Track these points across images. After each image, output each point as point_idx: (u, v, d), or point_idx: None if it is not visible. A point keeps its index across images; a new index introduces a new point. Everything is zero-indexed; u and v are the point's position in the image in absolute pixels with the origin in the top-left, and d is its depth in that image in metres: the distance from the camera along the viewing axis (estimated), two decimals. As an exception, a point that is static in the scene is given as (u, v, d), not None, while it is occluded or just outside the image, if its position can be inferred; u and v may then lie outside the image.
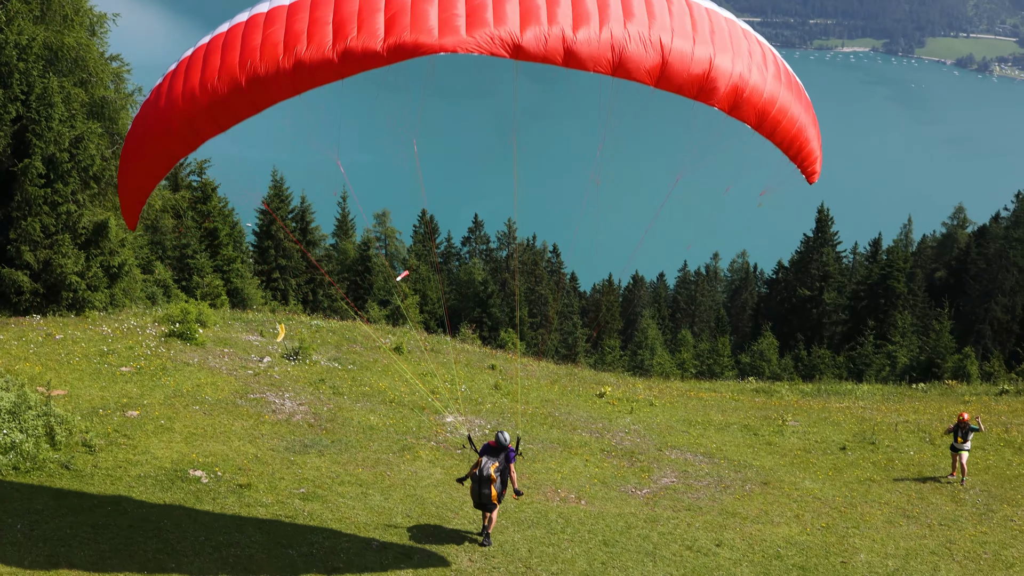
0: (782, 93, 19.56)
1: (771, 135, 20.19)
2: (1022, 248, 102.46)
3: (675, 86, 17.95)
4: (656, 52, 17.44)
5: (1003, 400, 48.49)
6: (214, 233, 71.68)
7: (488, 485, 22.97)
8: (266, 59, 17.85)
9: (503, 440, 23.15)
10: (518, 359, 57.55)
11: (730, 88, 18.36)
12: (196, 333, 40.73)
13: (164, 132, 19.18)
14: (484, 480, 22.94)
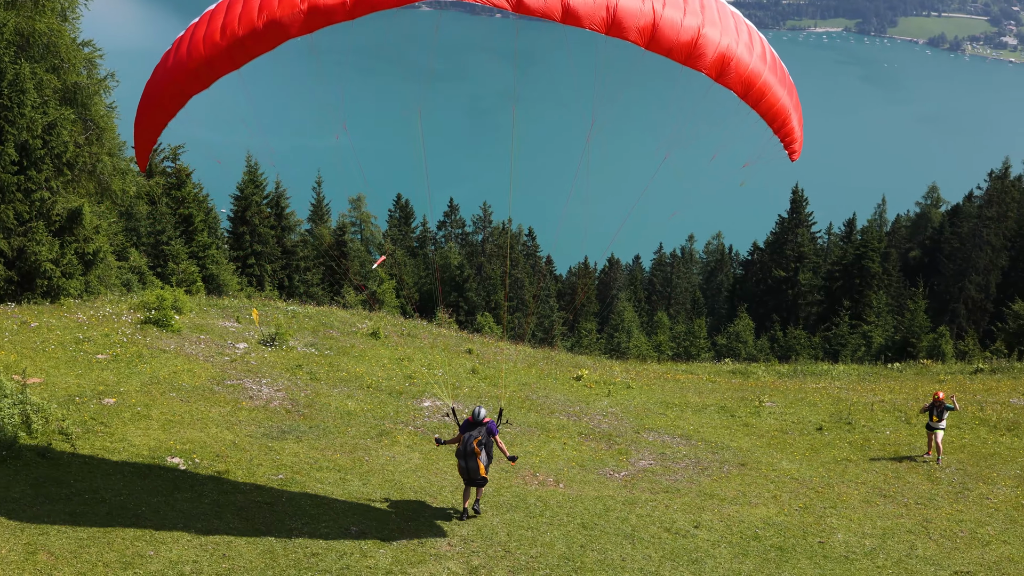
0: (766, 72, 21.26)
1: (756, 105, 21.86)
2: (995, 227, 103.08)
3: (664, 49, 19.10)
4: (648, 16, 18.51)
5: (978, 379, 48.83)
6: (189, 219, 71.40)
7: (474, 459, 23.50)
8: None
9: (479, 415, 23.54)
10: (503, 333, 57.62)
11: (717, 56, 19.61)
12: (172, 320, 40.56)
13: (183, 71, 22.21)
14: (469, 454, 23.48)
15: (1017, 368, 50.77)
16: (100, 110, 44.87)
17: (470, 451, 23.50)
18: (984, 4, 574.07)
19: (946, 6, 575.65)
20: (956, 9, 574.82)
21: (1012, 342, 71.13)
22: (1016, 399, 42.49)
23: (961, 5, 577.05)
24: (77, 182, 43.80)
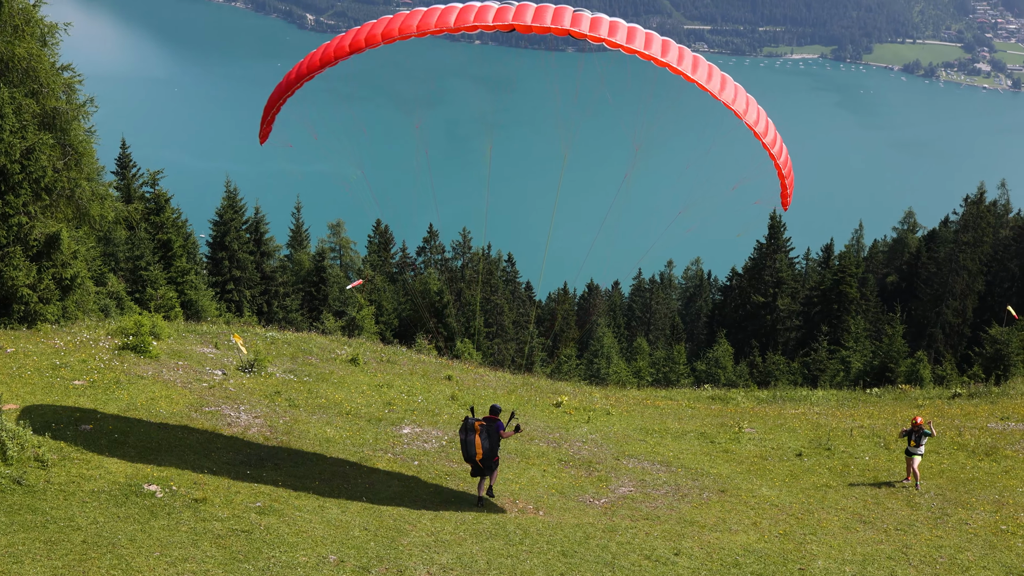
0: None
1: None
2: (971, 252, 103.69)
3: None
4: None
5: (956, 403, 49.00)
6: (167, 244, 71.17)
7: (473, 433, 26.98)
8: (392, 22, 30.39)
9: (495, 410, 27.69)
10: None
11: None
12: (150, 346, 40.32)
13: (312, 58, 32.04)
14: (469, 428, 27.05)
15: (995, 393, 50.99)
16: (79, 135, 44.72)
17: (470, 426, 27.00)
18: (958, 31, 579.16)
19: (920, 33, 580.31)
20: (930, 36, 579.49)
21: (989, 367, 71.49)
22: (994, 424, 42.66)
23: (935, 32, 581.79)
24: (55, 207, 43.60)
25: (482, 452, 27.04)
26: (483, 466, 27.77)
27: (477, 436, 26.89)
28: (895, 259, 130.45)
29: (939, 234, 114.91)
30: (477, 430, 26.87)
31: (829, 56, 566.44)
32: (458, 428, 27.32)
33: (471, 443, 27.02)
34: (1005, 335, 73.67)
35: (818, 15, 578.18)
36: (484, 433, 27.07)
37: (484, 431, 27.07)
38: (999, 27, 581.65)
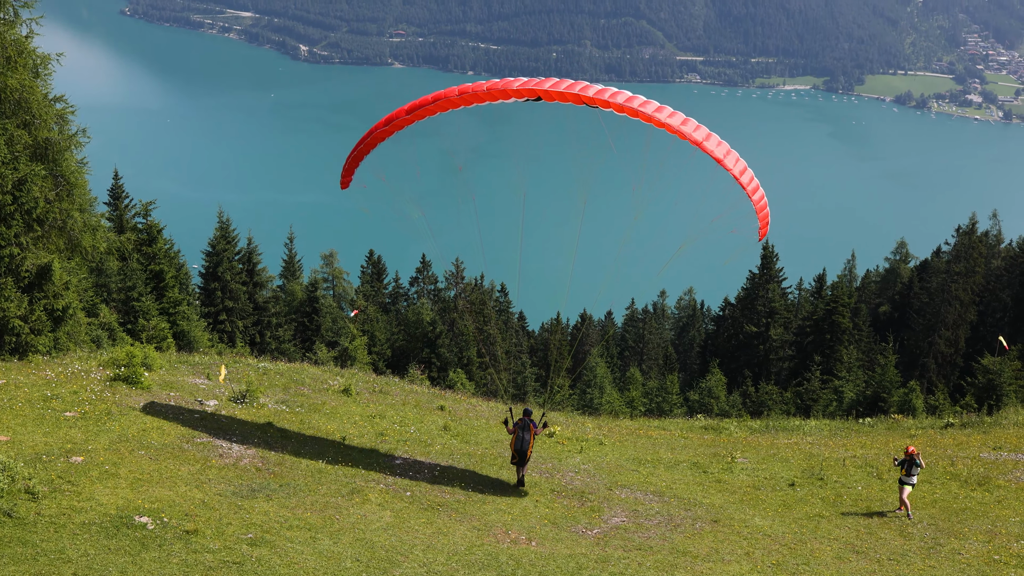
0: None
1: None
2: (963, 282, 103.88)
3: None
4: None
5: (948, 433, 48.97)
6: (160, 275, 71.06)
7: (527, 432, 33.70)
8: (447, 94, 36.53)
9: (528, 413, 34.08)
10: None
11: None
12: (142, 377, 40.26)
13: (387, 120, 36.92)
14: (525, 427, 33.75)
15: (987, 422, 50.97)
16: (71, 166, 44.76)
17: (525, 425, 33.70)
18: (949, 63, 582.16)
19: (912, 65, 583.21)
20: (922, 68, 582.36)
21: (982, 396, 71.44)
22: (986, 453, 42.64)
23: (927, 64, 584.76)
24: (47, 238, 43.59)
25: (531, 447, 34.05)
26: (526, 458, 34.10)
27: (532, 436, 33.75)
28: (887, 289, 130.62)
29: (931, 264, 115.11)
30: (533, 432, 33.73)
31: (821, 87, 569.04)
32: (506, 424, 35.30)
33: (526, 440, 33.62)
34: (997, 365, 73.68)
35: (810, 47, 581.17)
36: (519, 433, 33.73)
37: (526, 432, 33.67)
38: (990, 59, 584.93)
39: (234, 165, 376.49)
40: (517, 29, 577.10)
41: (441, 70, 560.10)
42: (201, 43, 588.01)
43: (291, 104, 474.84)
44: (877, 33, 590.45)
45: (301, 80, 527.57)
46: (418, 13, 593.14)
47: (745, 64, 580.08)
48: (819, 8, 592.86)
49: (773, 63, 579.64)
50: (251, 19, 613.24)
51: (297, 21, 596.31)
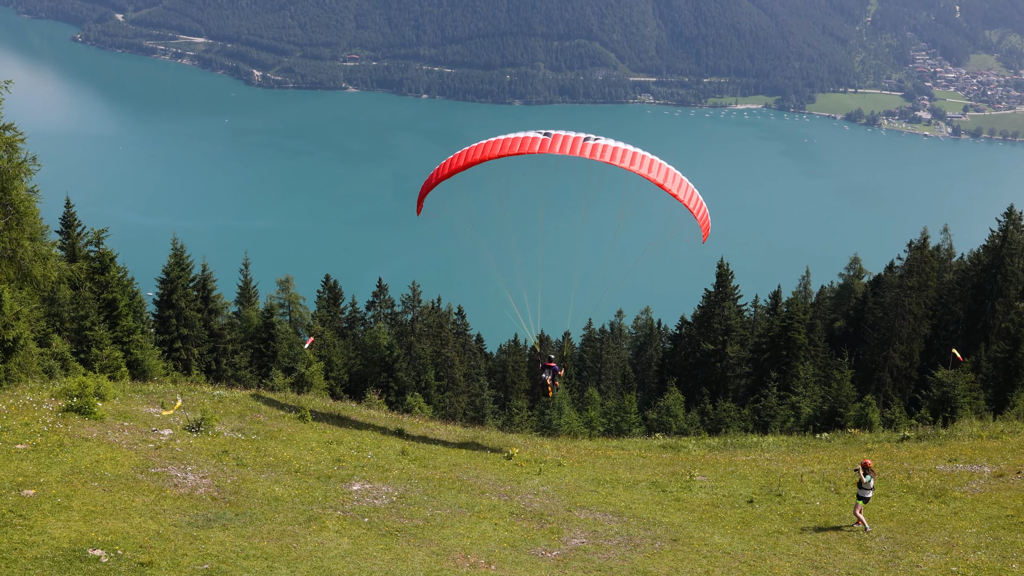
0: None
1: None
2: (916, 296, 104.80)
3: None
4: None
5: (904, 446, 49.31)
6: (113, 304, 70.36)
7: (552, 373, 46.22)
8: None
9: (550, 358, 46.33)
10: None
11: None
12: (95, 407, 39.77)
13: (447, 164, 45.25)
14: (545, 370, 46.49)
15: (943, 435, 51.38)
16: (20, 194, 44.30)
17: (546, 365, 45.77)
18: (898, 80, 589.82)
19: (862, 83, 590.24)
20: (872, 86, 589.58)
21: (937, 409, 72.05)
22: (942, 466, 42.98)
23: (876, 82, 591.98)
24: (-4, 268, 43.11)
25: (552, 390, 45.77)
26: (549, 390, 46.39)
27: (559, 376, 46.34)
28: (842, 304, 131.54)
29: (884, 279, 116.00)
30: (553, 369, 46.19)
31: (773, 106, 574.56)
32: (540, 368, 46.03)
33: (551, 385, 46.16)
34: (951, 378, 74.35)
35: (761, 66, 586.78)
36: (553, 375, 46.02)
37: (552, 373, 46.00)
38: (938, 76, 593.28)
39: (188, 191, 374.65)
40: (471, 52, 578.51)
41: (395, 94, 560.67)
42: (154, 69, 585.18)
43: (245, 130, 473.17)
44: (827, 52, 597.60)
45: (255, 105, 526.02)
46: (371, 37, 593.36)
47: (697, 84, 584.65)
48: (769, 28, 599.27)
49: (725, 83, 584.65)
50: (204, 45, 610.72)
51: (250, 46, 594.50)
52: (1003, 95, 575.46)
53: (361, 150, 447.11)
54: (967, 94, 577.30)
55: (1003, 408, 76.57)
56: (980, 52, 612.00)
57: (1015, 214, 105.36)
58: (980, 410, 73.77)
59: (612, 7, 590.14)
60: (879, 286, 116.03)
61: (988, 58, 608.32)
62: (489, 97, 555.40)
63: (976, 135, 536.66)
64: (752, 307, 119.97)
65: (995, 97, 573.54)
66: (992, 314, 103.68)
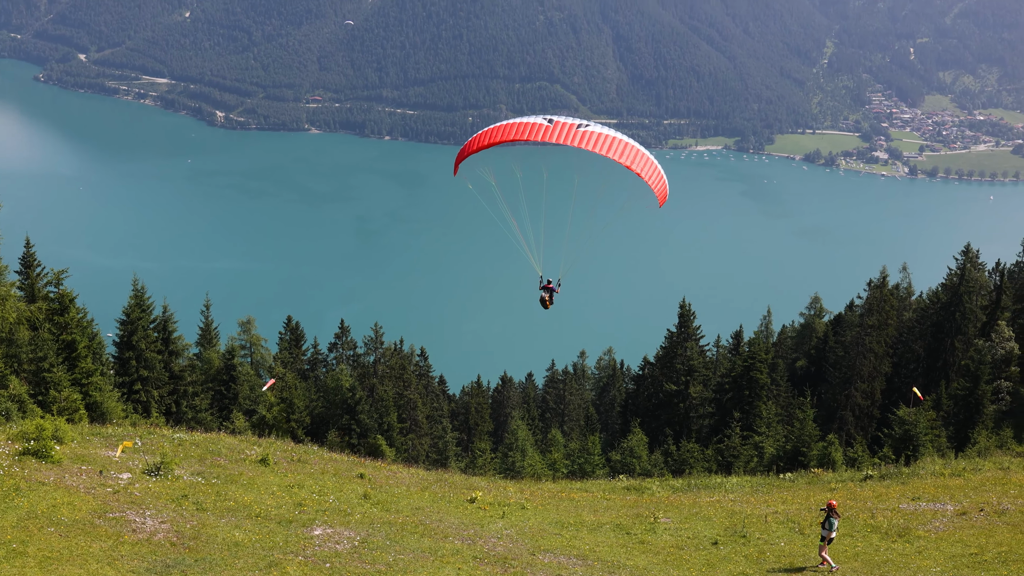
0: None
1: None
2: (876, 335, 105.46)
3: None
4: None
5: (867, 485, 49.44)
6: (72, 345, 69.62)
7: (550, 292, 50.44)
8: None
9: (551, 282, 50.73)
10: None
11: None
12: (52, 450, 39.21)
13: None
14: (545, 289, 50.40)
15: (905, 473, 51.57)
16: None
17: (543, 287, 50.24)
18: (855, 121, 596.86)
19: (819, 124, 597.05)
20: (829, 127, 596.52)
21: (899, 447, 72.42)
22: (906, 504, 43.08)
23: (834, 123, 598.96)
24: (-48, 311, 42.58)
25: (549, 304, 50.32)
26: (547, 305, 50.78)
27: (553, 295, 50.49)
28: (803, 344, 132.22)
29: (845, 318, 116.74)
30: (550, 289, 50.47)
31: (732, 147, 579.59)
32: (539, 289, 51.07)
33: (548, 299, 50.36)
34: (913, 416, 74.79)
35: (721, 108, 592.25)
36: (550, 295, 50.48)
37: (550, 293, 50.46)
38: (894, 116, 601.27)
39: (149, 232, 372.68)
40: (433, 94, 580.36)
41: (358, 135, 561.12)
42: (116, 109, 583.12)
43: (207, 170, 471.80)
44: (785, 94, 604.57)
45: (217, 146, 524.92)
46: (334, 79, 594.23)
47: (658, 126, 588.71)
48: (728, 71, 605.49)
49: (685, 124, 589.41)
50: (167, 85, 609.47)
51: (213, 87, 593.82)
52: (958, 135, 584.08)
53: (323, 191, 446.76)
54: (923, 134, 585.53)
55: (964, 445, 77.20)
56: (934, 93, 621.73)
57: (972, 252, 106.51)
58: (942, 448, 74.28)
59: (573, 50, 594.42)
60: (840, 325, 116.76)
61: (942, 99, 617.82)
62: (451, 139, 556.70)
63: (932, 174, 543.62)
64: (714, 347, 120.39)
65: (950, 137, 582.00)
66: (952, 352, 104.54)
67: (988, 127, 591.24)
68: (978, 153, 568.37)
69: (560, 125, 48.39)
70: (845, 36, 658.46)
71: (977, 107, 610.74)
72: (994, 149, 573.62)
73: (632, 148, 48.47)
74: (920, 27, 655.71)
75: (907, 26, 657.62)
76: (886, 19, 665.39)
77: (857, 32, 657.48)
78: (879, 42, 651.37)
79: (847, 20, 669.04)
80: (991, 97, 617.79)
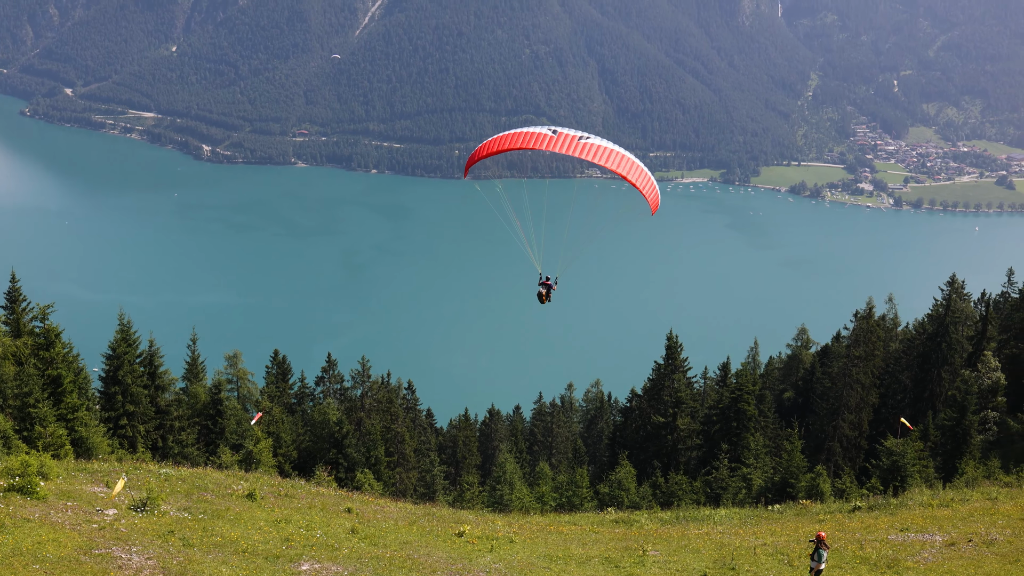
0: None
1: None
2: (863, 366, 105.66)
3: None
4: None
5: (856, 516, 49.41)
6: (58, 380, 69.35)
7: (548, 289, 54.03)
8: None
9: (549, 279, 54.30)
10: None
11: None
12: (37, 486, 38.98)
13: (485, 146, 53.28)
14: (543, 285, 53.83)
15: (893, 504, 51.57)
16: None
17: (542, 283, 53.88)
18: (840, 153, 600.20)
19: (805, 156, 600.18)
20: (814, 159, 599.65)
21: (887, 478, 72.43)
22: (894, 535, 43.04)
23: (819, 155, 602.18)
24: (-63, 347, 42.41)
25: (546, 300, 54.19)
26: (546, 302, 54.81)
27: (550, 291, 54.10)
28: (791, 375, 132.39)
29: (832, 349, 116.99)
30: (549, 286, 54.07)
31: (718, 179, 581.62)
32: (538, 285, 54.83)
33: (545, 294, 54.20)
34: (900, 447, 74.85)
35: (706, 141, 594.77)
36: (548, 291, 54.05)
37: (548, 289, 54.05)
38: (879, 148, 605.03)
39: (136, 266, 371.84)
40: (419, 127, 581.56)
41: (345, 168, 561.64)
42: (103, 143, 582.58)
43: (194, 204, 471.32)
44: (770, 126, 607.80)
45: (204, 180, 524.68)
46: (321, 113, 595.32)
47: (644, 158, 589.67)
48: (714, 103, 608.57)
49: (671, 157, 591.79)
50: (153, 120, 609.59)
51: (200, 121, 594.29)
52: (942, 166, 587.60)
53: (310, 225, 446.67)
54: (907, 166, 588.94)
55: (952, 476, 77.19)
56: (919, 125, 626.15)
57: (958, 283, 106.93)
58: (930, 478, 74.27)
59: (559, 83, 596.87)
60: (827, 356, 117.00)
61: (926, 131, 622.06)
62: (438, 172, 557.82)
63: (917, 206, 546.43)
64: (702, 379, 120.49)
65: (934, 168, 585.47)
66: (938, 382, 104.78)
67: (972, 158, 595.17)
68: (962, 184, 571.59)
69: (563, 136, 52.69)
70: (829, 69, 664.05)
71: (961, 139, 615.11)
72: (978, 180, 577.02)
73: (627, 159, 52.71)
74: (904, 60, 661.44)
75: (891, 59, 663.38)
76: (870, 52, 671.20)
77: (841, 65, 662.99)
78: (863, 74, 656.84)
79: (831, 53, 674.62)
80: (974, 129, 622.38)
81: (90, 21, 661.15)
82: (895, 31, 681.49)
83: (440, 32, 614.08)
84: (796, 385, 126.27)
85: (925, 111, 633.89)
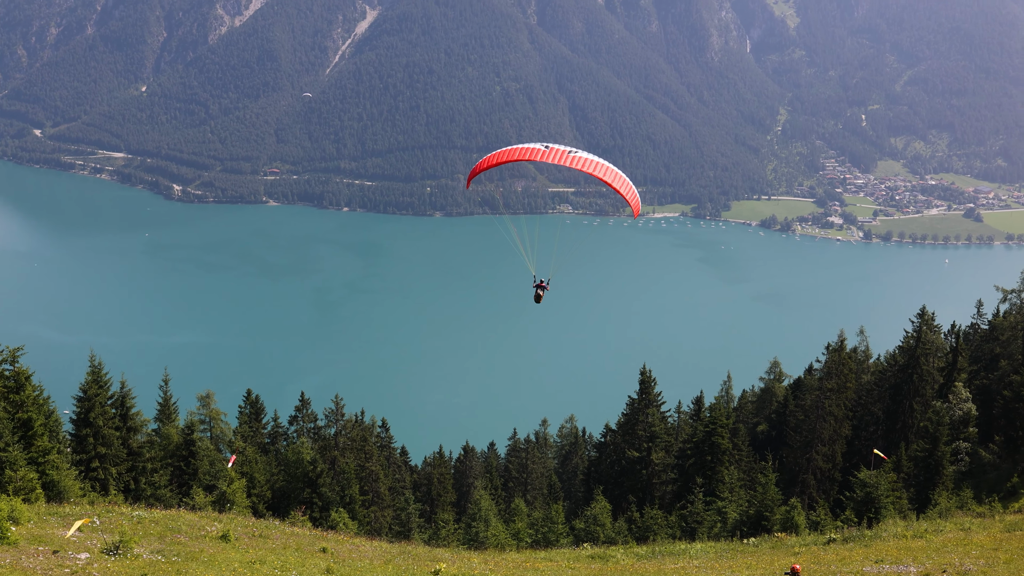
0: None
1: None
2: (836, 398, 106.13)
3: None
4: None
5: (831, 549, 49.52)
6: (28, 424, 68.76)
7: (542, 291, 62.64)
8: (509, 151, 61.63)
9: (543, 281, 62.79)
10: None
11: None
12: (8, 532, 38.65)
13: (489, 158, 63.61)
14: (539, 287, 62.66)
15: (868, 536, 51.72)
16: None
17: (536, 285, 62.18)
18: (810, 187, 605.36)
19: (775, 190, 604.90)
20: (784, 193, 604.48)
21: (861, 510, 72.67)
22: (869, 567, 43.15)
23: (789, 189, 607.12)
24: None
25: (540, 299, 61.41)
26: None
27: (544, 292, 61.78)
28: (764, 408, 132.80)
29: (804, 382, 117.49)
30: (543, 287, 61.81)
31: (689, 214, 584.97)
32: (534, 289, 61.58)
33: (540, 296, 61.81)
34: (874, 478, 75.14)
35: (677, 176, 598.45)
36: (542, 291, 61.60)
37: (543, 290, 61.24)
38: (848, 182, 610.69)
39: (106, 307, 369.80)
40: (391, 165, 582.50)
41: (316, 207, 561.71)
42: (72, 184, 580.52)
43: (164, 244, 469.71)
44: (740, 161, 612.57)
45: (174, 220, 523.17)
46: (292, 151, 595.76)
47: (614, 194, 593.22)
48: (684, 139, 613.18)
49: (642, 192, 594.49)
50: (123, 160, 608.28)
51: (170, 161, 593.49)
52: (910, 199, 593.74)
53: (282, 264, 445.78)
54: (876, 199, 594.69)
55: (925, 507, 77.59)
56: (887, 158, 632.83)
57: (928, 315, 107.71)
58: (903, 509, 74.61)
59: (530, 119, 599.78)
60: (799, 389, 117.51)
61: (895, 164, 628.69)
62: (410, 209, 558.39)
63: (887, 238, 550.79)
64: (675, 413, 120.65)
65: (903, 202, 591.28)
66: (910, 413, 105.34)
67: (940, 191, 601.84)
68: (931, 217, 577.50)
69: (554, 150, 61.24)
70: (798, 104, 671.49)
71: (928, 172, 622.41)
72: (946, 213, 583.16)
73: (611, 169, 61.74)
74: (871, 94, 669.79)
75: (858, 93, 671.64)
76: (837, 87, 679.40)
77: (810, 100, 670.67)
78: (831, 109, 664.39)
79: (799, 88, 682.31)
80: (942, 162, 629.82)
81: (59, 62, 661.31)
82: (862, 66, 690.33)
83: (411, 70, 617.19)
84: (769, 418, 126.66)
85: (893, 145, 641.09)
